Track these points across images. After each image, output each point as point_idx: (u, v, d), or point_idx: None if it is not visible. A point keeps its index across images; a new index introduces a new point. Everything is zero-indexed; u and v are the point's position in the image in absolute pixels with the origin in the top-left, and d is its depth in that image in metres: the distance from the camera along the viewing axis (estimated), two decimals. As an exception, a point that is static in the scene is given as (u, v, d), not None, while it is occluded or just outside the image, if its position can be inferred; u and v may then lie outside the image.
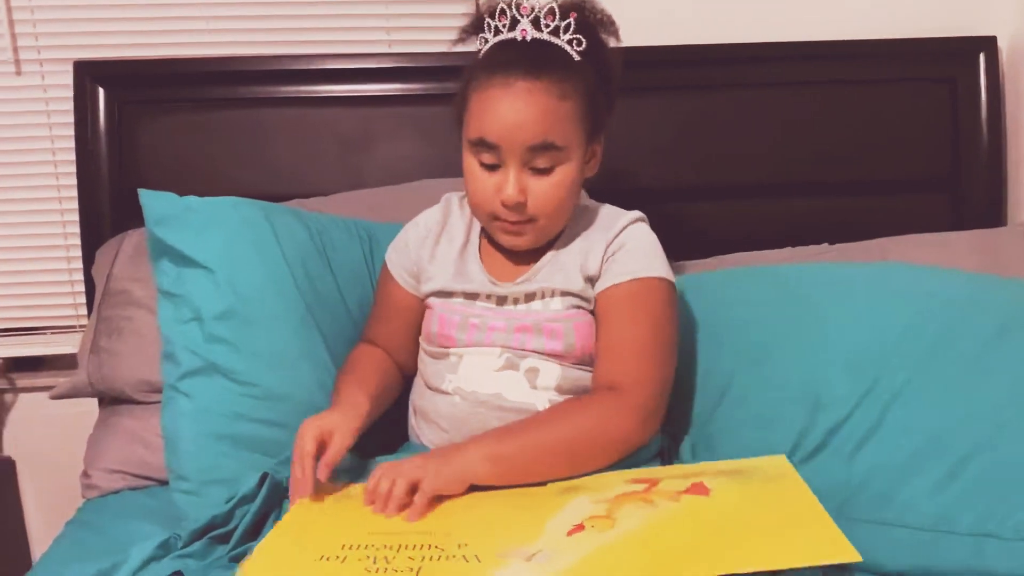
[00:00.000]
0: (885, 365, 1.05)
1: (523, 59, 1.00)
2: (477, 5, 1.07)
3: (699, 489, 0.84)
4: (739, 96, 1.51)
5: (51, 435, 1.65)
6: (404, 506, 0.90)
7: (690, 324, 1.20)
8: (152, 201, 1.16)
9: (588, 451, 0.97)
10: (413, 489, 0.91)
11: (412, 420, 1.14)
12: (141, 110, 1.50)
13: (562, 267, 1.08)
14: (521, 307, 1.09)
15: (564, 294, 1.07)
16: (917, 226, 1.43)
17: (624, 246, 1.07)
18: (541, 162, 1.01)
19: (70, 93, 1.49)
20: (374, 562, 0.79)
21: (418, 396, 1.13)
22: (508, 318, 1.07)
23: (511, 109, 0.99)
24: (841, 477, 1.02)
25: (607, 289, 1.05)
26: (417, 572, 0.77)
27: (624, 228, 1.08)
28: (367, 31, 1.56)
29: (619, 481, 0.91)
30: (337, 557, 0.81)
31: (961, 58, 1.52)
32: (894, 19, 1.54)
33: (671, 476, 0.89)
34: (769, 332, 1.14)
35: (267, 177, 1.51)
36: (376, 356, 1.15)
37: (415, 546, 0.82)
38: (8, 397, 1.67)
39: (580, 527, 0.81)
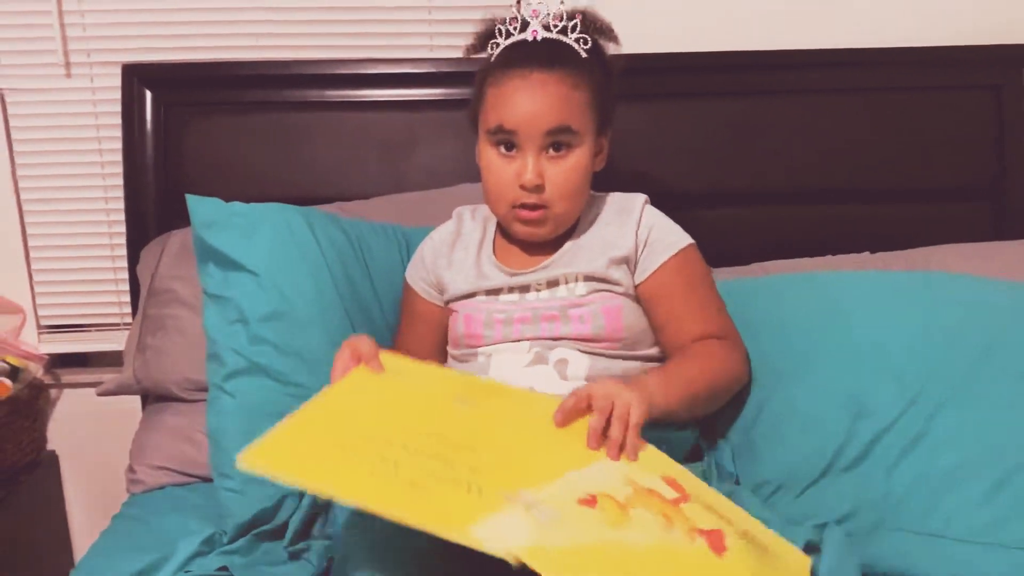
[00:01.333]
0: (930, 375, 1.05)
1: (537, 54, 1.07)
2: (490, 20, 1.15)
3: (716, 542, 0.76)
4: (782, 102, 1.51)
5: (94, 431, 1.68)
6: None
7: (731, 331, 1.20)
8: (199, 206, 1.18)
9: (723, 390, 1.08)
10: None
11: None
12: (187, 112, 1.52)
13: (584, 253, 1.11)
14: (544, 294, 1.11)
15: (588, 278, 1.10)
16: (959, 235, 1.41)
17: (653, 226, 1.13)
18: (558, 146, 1.06)
19: (118, 95, 1.51)
20: (382, 461, 0.75)
21: None
22: (533, 308, 1.09)
23: (529, 97, 1.05)
24: (883, 486, 1.01)
25: (659, 269, 1.11)
26: (417, 487, 0.72)
27: (644, 209, 1.14)
28: (410, 36, 1.58)
29: (656, 470, 0.84)
30: (350, 447, 0.77)
31: (1006, 65, 1.50)
32: (938, 26, 1.53)
33: (699, 498, 0.82)
34: (811, 340, 1.13)
35: (309, 179, 1.52)
36: None
37: (430, 455, 0.77)
38: (53, 393, 1.70)
39: (593, 501, 0.75)
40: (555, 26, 1.08)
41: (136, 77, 1.51)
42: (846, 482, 1.03)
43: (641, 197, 1.15)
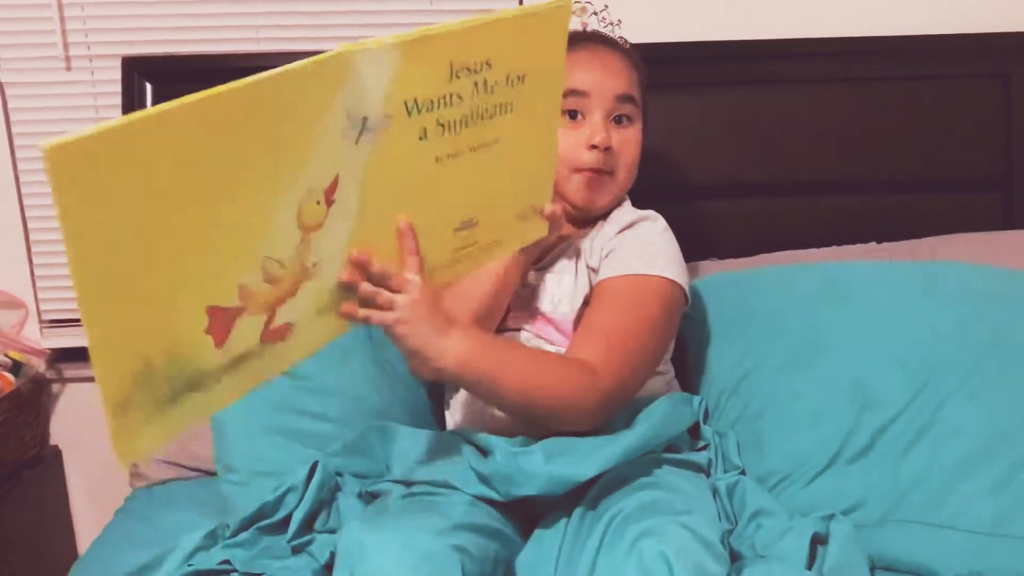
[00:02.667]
0: (937, 366, 1.04)
1: (597, 37, 1.14)
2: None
3: None
4: (787, 92, 1.49)
5: (97, 425, 1.65)
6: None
7: (736, 321, 1.19)
8: None
9: (542, 400, 0.93)
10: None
11: (448, 419, 1.15)
12: (188, 105, 1.51)
13: (570, 268, 1.10)
14: (544, 302, 1.09)
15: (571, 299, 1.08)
16: (967, 226, 1.41)
17: (624, 242, 1.06)
18: (625, 111, 1.09)
19: (118, 88, 1.50)
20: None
21: (449, 395, 1.15)
22: (529, 306, 1.09)
23: (601, 62, 1.09)
24: (890, 478, 1.01)
25: (603, 281, 1.04)
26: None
27: (631, 224, 1.09)
28: (411, 28, 1.56)
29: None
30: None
31: (1015, 53, 1.49)
32: (946, 13, 1.52)
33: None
34: (817, 331, 1.13)
35: (311, 172, 1.51)
36: None
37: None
38: (56, 387, 1.70)
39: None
40: (600, 21, 1.17)
41: (137, 70, 1.50)
42: (852, 473, 1.02)
43: (640, 214, 1.11)
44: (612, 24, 1.20)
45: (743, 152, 1.49)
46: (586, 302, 1.05)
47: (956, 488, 0.96)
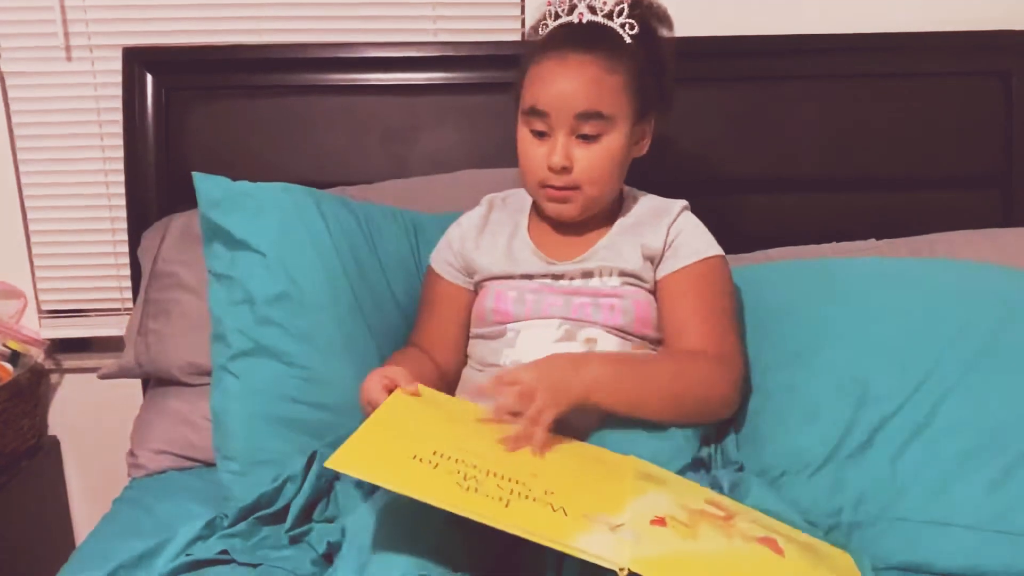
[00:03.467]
0: (936, 362, 1.04)
1: (578, 37, 1.08)
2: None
3: (773, 546, 0.82)
4: (788, 88, 1.49)
5: (95, 416, 1.68)
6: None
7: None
8: (206, 184, 1.17)
9: (694, 406, 1.03)
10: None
11: None
12: (188, 96, 1.51)
13: (621, 248, 1.12)
14: (578, 282, 1.12)
15: (622, 273, 1.11)
16: (967, 224, 1.41)
17: (683, 230, 1.13)
18: (588, 129, 1.07)
19: (119, 79, 1.50)
20: (464, 479, 0.78)
21: (470, 378, 1.15)
22: (565, 293, 1.11)
23: (562, 79, 1.06)
24: (888, 474, 1.00)
25: (679, 270, 1.11)
26: (506, 504, 0.76)
27: (680, 212, 1.14)
28: (413, 20, 1.57)
29: (699, 496, 0.90)
30: (429, 462, 0.79)
31: (1016, 51, 1.49)
32: (948, 11, 1.52)
33: (744, 515, 0.87)
34: (815, 326, 1.13)
35: (311, 164, 1.51)
36: (422, 363, 1.15)
37: (503, 476, 0.80)
38: (54, 378, 1.70)
39: (663, 521, 0.80)
40: (601, 9, 1.10)
41: (137, 61, 1.50)
42: (850, 469, 1.02)
43: (680, 203, 1.16)
44: (614, 11, 1.10)
45: (744, 148, 1.49)
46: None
47: (954, 484, 0.96)
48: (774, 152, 1.50)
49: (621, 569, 0.70)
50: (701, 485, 0.95)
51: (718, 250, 1.12)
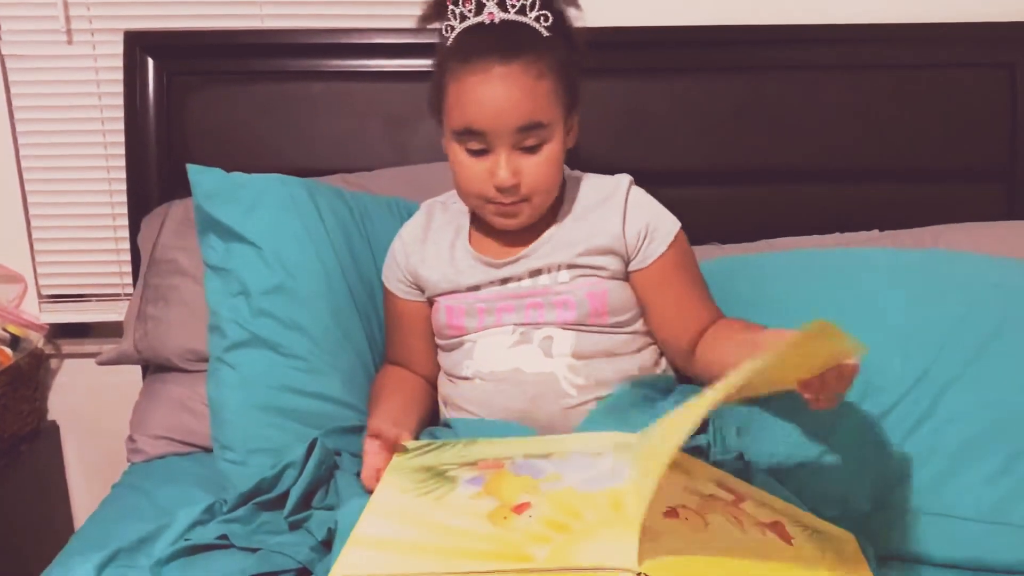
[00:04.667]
0: (938, 353, 1.04)
1: (495, 43, 1.00)
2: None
3: (781, 531, 0.82)
4: (790, 78, 1.48)
5: (94, 401, 1.68)
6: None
7: (737, 306, 1.18)
8: (201, 176, 1.17)
9: None
10: None
11: (442, 409, 1.14)
12: (190, 81, 1.50)
13: (565, 241, 1.08)
14: (527, 283, 1.09)
15: (570, 266, 1.07)
16: (970, 216, 1.40)
17: (648, 216, 1.09)
18: (529, 141, 1.01)
19: (120, 63, 1.49)
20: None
21: (442, 386, 1.14)
22: (516, 298, 1.08)
23: (492, 95, 0.99)
24: (888, 464, 1.00)
25: (660, 258, 1.08)
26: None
27: (628, 191, 1.10)
28: (415, 5, 1.54)
29: (708, 476, 0.88)
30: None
31: (1020, 43, 1.48)
32: (953, 2, 1.50)
33: (752, 497, 0.87)
34: (818, 316, 1.11)
35: (312, 150, 1.51)
36: (404, 382, 1.14)
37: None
38: (54, 363, 1.70)
39: (675, 512, 0.78)
40: (512, 5, 1.01)
41: (138, 45, 1.49)
42: (852, 460, 1.02)
43: (625, 180, 1.11)
44: (526, 4, 1.02)
45: (745, 138, 1.49)
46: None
47: (955, 475, 0.96)
48: (777, 142, 1.49)
49: (634, 574, 0.67)
50: None
51: (675, 220, 1.11)
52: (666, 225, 1.10)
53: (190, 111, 1.50)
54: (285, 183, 1.20)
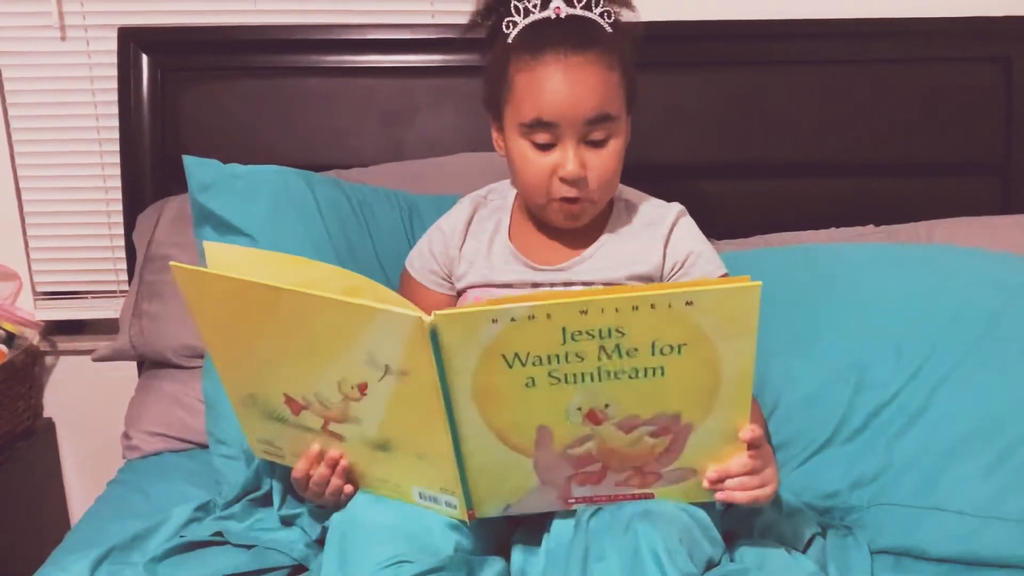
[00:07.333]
0: (932, 349, 1.04)
1: (568, 35, 0.98)
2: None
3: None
4: (786, 73, 1.49)
5: (90, 397, 1.68)
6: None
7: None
8: (196, 168, 1.16)
9: None
10: None
11: None
12: (184, 77, 1.50)
13: (607, 260, 1.06)
14: (560, 286, 1.07)
15: (605, 284, 1.05)
16: (966, 210, 1.40)
17: (691, 252, 1.06)
18: (598, 134, 0.99)
19: (114, 59, 1.49)
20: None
21: None
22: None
23: (567, 85, 0.97)
24: (884, 459, 1.01)
25: None
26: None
27: (675, 224, 1.07)
28: (411, 1, 1.55)
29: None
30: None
31: (1017, 37, 1.48)
32: (948, -4, 1.51)
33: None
34: (813, 312, 1.13)
35: (307, 146, 1.50)
36: None
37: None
38: (49, 360, 1.69)
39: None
40: (579, 1, 1.00)
41: (132, 41, 1.48)
42: (847, 454, 1.03)
43: (675, 210, 1.08)
44: (591, 1, 1.02)
45: (742, 133, 1.49)
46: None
47: (949, 470, 0.97)
48: (773, 137, 1.49)
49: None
50: None
51: (723, 266, 1.06)
52: (710, 264, 1.06)
53: (184, 107, 1.50)
54: (281, 174, 1.20)
